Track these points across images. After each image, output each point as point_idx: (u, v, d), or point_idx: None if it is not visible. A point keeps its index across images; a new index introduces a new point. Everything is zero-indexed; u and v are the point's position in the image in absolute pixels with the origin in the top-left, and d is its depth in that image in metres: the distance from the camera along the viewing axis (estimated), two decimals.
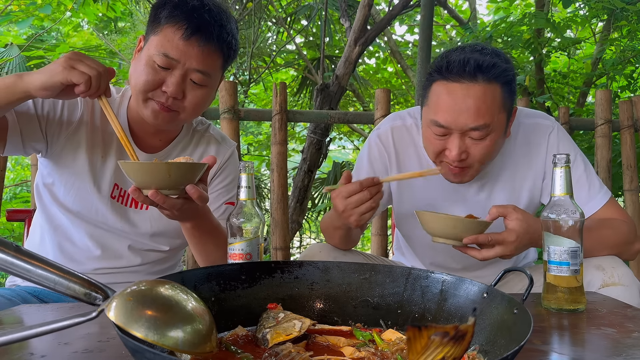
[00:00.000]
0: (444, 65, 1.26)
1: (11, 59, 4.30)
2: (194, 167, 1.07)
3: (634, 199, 2.48)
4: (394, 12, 3.59)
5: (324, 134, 3.56)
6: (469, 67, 1.23)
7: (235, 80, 4.74)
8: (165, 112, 1.26)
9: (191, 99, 1.27)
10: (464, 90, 1.24)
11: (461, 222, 1.17)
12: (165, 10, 1.24)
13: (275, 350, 0.75)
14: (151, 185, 1.04)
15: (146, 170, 1.04)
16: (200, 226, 1.26)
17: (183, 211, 1.13)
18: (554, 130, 1.45)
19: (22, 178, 5.32)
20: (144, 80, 1.23)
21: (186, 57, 1.23)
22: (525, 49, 3.66)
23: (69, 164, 1.33)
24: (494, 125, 1.27)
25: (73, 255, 1.37)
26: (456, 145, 1.28)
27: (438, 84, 1.29)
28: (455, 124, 1.26)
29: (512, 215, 1.17)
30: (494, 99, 1.25)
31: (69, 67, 1.11)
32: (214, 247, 1.30)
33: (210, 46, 1.25)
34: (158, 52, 1.22)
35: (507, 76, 1.27)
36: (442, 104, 1.27)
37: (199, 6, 1.24)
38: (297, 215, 3.71)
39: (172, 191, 1.06)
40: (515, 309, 0.74)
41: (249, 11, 4.64)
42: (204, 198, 1.10)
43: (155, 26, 1.26)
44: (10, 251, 0.68)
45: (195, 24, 1.22)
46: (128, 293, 0.65)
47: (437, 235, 1.19)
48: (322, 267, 0.95)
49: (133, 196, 1.06)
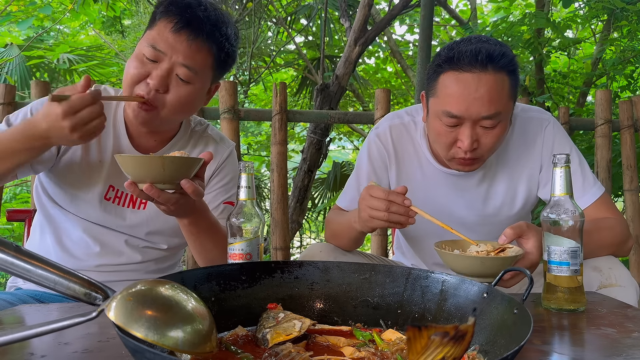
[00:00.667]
0: (454, 56, 1.27)
1: (11, 59, 4.30)
2: (188, 162, 1.08)
3: (634, 199, 2.48)
4: (394, 12, 3.59)
5: (324, 134, 3.56)
6: (481, 57, 1.24)
7: (235, 80, 4.74)
8: (144, 110, 1.25)
9: (174, 95, 1.25)
10: (476, 80, 1.25)
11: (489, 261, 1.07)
12: (162, 6, 1.26)
13: (275, 350, 0.75)
14: (146, 179, 1.05)
15: (141, 164, 1.05)
16: (197, 223, 1.26)
17: (179, 206, 1.13)
18: (550, 124, 1.47)
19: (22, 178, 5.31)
20: (131, 73, 1.24)
21: (173, 51, 1.23)
22: (525, 48, 3.66)
23: (65, 168, 1.34)
24: (504, 113, 1.29)
25: (73, 252, 1.37)
26: (468, 135, 1.28)
27: (448, 75, 1.29)
28: (467, 113, 1.26)
29: (527, 234, 1.14)
30: (503, 87, 1.27)
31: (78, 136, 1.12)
32: (212, 245, 1.30)
33: (199, 42, 1.24)
34: (147, 44, 1.23)
35: (514, 65, 1.29)
36: (454, 94, 1.27)
37: (194, 4, 1.25)
38: (297, 215, 3.71)
39: (167, 185, 1.07)
40: (515, 309, 0.74)
41: (249, 11, 4.64)
42: (198, 192, 1.10)
43: (152, 22, 1.27)
44: (10, 251, 0.68)
45: (186, 19, 1.23)
46: (128, 293, 0.65)
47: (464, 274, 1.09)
48: (322, 267, 0.95)
49: (129, 190, 1.07)
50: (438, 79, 1.31)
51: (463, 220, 1.49)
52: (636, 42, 3.61)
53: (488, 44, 1.27)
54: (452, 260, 1.11)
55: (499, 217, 1.49)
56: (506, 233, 1.14)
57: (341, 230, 1.44)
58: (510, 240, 1.14)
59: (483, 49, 1.25)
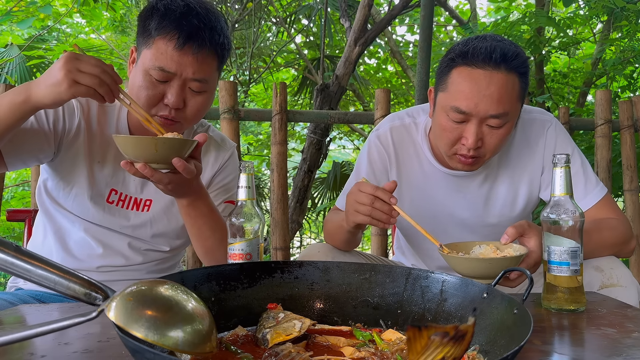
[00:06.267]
0: (469, 51, 1.26)
1: (11, 59, 4.30)
2: (180, 143, 1.12)
3: (634, 199, 2.48)
4: (394, 12, 3.59)
5: (324, 134, 3.56)
6: (496, 55, 1.24)
7: (236, 80, 4.74)
8: (169, 126, 1.26)
9: (192, 107, 1.27)
10: (488, 78, 1.25)
11: (495, 262, 1.07)
12: (154, 21, 1.22)
13: (275, 350, 0.75)
14: (140, 159, 1.09)
15: (135, 144, 1.09)
16: (195, 205, 1.27)
17: (174, 185, 1.16)
18: (552, 125, 1.46)
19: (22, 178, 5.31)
20: (145, 95, 1.23)
21: (182, 67, 1.22)
22: (525, 48, 3.66)
23: (67, 170, 1.34)
24: (511, 114, 1.29)
25: (75, 253, 1.37)
26: (473, 132, 1.28)
27: (460, 70, 1.28)
28: (476, 110, 1.26)
29: (528, 233, 1.14)
30: (513, 88, 1.27)
31: (72, 81, 1.08)
32: (210, 232, 1.30)
33: (204, 51, 1.24)
34: (154, 67, 1.21)
35: (526, 67, 1.29)
36: (464, 90, 1.27)
37: (186, 12, 1.22)
38: (297, 215, 3.71)
39: (160, 165, 1.11)
40: (515, 309, 0.74)
41: (249, 11, 4.64)
42: (189, 171, 1.12)
43: (146, 38, 1.24)
44: (10, 251, 0.68)
45: (186, 32, 1.20)
46: (128, 293, 0.65)
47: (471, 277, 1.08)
48: (322, 267, 0.95)
49: (125, 168, 1.10)
50: (450, 73, 1.31)
51: (464, 222, 1.49)
52: (636, 42, 3.61)
53: (503, 43, 1.27)
54: (459, 263, 1.11)
55: (500, 219, 1.49)
56: (508, 232, 1.14)
57: (334, 229, 1.44)
58: (512, 240, 1.15)
59: (498, 48, 1.25)
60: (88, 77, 1.09)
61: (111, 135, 1.34)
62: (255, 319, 0.88)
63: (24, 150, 1.27)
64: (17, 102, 1.12)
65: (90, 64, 1.10)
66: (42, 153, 1.30)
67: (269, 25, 5.37)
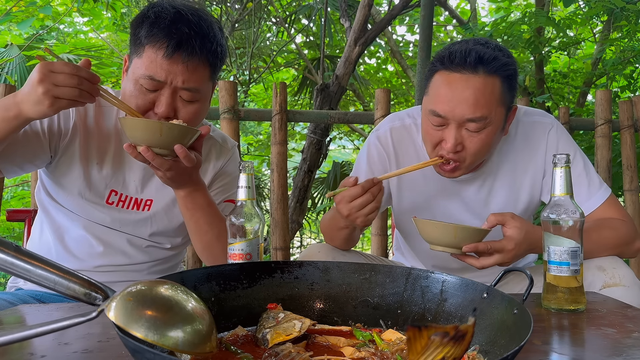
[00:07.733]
0: (446, 56, 1.27)
1: (11, 59, 4.30)
2: (185, 130, 1.14)
3: (634, 199, 2.48)
4: (394, 12, 3.58)
5: (324, 134, 3.56)
6: (470, 58, 1.24)
7: (235, 80, 4.74)
8: None
9: (184, 116, 1.25)
10: (464, 81, 1.25)
11: (460, 230, 1.16)
12: (144, 29, 1.21)
13: (275, 350, 0.75)
14: (143, 142, 1.11)
15: (141, 126, 1.11)
16: (193, 196, 1.27)
17: (173, 173, 1.17)
18: (553, 127, 1.45)
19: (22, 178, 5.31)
20: (134, 104, 1.22)
21: (172, 76, 1.20)
22: (525, 48, 3.66)
23: (65, 173, 1.34)
24: (491, 118, 1.27)
25: (75, 252, 1.37)
26: (452, 136, 1.28)
27: (439, 74, 1.29)
28: (452, 114, 1.26)
29: (510, 223, 1.17)
30: (493, 91, 1.26)
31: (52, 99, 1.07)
32: (207, 226, 1.31)
33: (195, 60, 1.21)
34: (143, 75, 1.20)
35: (508, 70, 1.27)
36: (441, 94, 1.27)
37: (176, 19, 1.20)
38: (297, 215, 3.70)
39: (163, 150, 1.13)
40: (515, 309, 0.74)
41: (249, 11, 4.64)
42: (190, 159, 1.14)
43: (137, 47, 1.23)
44: (10, 251, 0.68)
45: (176, 40, 1.18)
46: (128, 293, 0.65)
47: (435, 243, 1.19)
48: (322, 267, 0.95)
49: (127, 151, 1.12)
50: (431, 77, 1.32)
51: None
52: (636, 42, 3.61)
53: (482, 47, 1.26)
54: (425, 228, 1.19)
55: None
56: (489, 219, 1.19)
57: (330, 225, 1.45)
58: (491, 226, 1.19)
59: (474, 51, 1.24)
60: (66, 90, 1.09)
61: (109, 136, 1.34)
62: (255, 319, 0.88)
63: (16, 156, 1.26)
64: (9, 117, 1.13)
65: (65, 73, 1.08)
66: (37, 159, 1.30)
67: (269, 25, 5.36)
